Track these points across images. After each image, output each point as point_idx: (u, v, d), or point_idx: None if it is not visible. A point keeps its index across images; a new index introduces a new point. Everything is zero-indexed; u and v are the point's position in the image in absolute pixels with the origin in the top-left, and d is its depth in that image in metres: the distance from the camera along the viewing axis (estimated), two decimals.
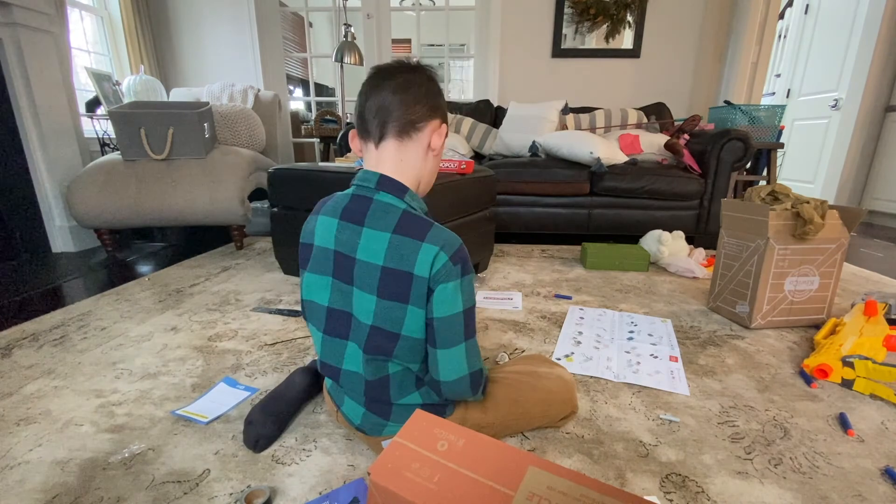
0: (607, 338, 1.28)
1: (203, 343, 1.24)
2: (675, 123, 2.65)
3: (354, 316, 0.69)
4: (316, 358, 1.02)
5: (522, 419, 0.81)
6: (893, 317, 1.34)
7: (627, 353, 1.20)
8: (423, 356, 0.71)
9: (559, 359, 1.16)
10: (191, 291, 1.65)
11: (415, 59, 0.73)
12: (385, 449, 0.44)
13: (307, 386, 0.92)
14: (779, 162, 2.80)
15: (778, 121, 2.68)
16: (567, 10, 3.08)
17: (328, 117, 3.25)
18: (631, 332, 1.33)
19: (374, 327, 0.67)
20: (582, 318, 1.43)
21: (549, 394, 0.82)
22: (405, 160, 0.70)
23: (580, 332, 1.32)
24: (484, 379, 0.74)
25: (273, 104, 2.88)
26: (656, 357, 1.17)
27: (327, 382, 0.84)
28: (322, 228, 0.71)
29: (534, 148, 2.49)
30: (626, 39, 3.12)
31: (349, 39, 2.66)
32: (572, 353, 1.20)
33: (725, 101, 2.91)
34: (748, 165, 2.45)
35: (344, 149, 2.45)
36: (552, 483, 0.39)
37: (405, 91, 0.68)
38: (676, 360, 1.15)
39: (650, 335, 1.30)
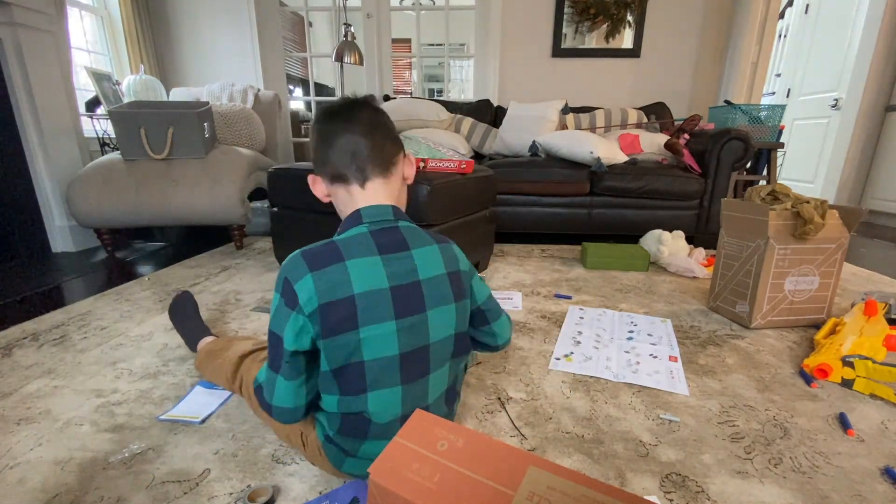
0: (607, 337, 1.29)
1: None
2: (675, 123, 2.65)
3: (431, 343, 0.67)
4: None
5: None
6: (893, 316, 1.34)
7: (627, 352, 1.20)
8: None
9: (559, 358, 1.16)
10: (191, 291, 1.65)
11: (354, 94, 0.73)
12: (385, 448, 0.44)
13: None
14: (779, 162, 2.80)
15: (778, 120, 2.68)
16: (567, 10, 3.08)
17: None
18: (631, 331, 1.33)
19: (457, 334, 0.71)
20: (582, 317, 1.43)
21: None
22: (391, 192, 0.72)
23: (580, 332, 1.32)
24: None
25: (273, 104, 2.88)
26: (656, 357, 1.17)
27: (368, 449, 0.68)
28: (361, 272, 0.62)
29: (534, 148, 2.49)
30: (626, 39, 3.12)
31: (349, 39, 2.66)
32: (572, 352, 1.20)
33: (725, 101, 2.91)
34: (748, 165, 2.45)
35: None
36: (552, 483, 0.39)
37: (374, 132, 0.69)
38: (676, 360, 1.16)
39: (650, 335, 1.30)
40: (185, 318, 1.19)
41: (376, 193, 0.69)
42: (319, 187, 0.73)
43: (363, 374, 0.63)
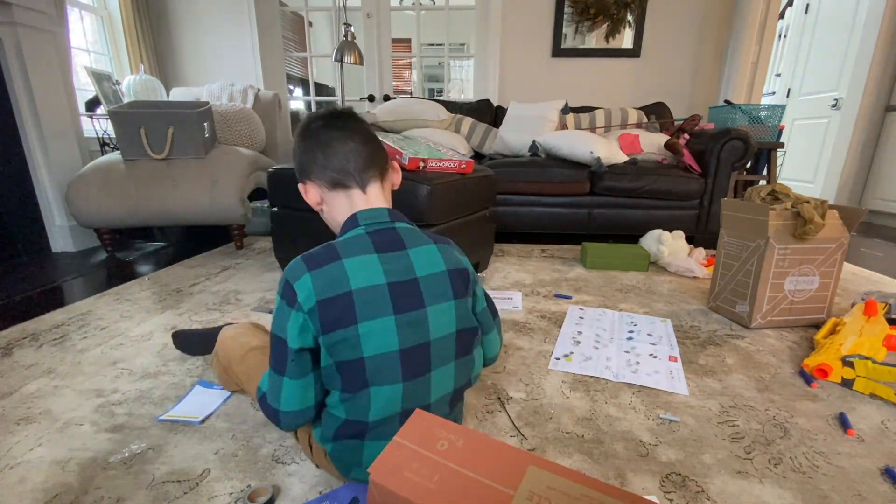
0: (607, 337, 1.29)
1: None
2: (676, 123, 2.65)
3: (432, 340, 0.67)
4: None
5: None
6: (893, 316, 1.34)
7: (627, 352, 1.20)
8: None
9: (558, 358, 1.16)
10: (191, 291, 1.65)
11: (335, 108, 0.76)
12: (385, 448, 0.44)
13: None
14: (779, 162, 2.80)
15: (778, 120, 2.68)
16: (567, 10, 3.08)
17: None
18: (630, 331, 1.33)
19: (459, 331, 0.70)
20: (582, 317, 1.43)
21: None
22: (387, 197, 0.75)
23: (580, 332, 1.32)
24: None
25: (273, 104, 2.88)
26: (655, 357, 1.17)
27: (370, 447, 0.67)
28: (359, 268, 0.64)
29: (534, 148, 2.49)
30: (626, 39, 3.12)
31: (349, 39, 2.66)
32: (571, 352, 1.20)
33: (725, 101, 2.91)
34: (748, 165, 2.45)
35: None
36: (552, 483, 0.39)
37: (370, 139, 0.73)
38: (676, 360, 1.16)
39: (650, 335, 1.30)
40: (195, 337, 1.17)
41: (377, 198, 0.72)
42: (313, 195, 0.74)
43: (363, 370, 0.63)
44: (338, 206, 0.72)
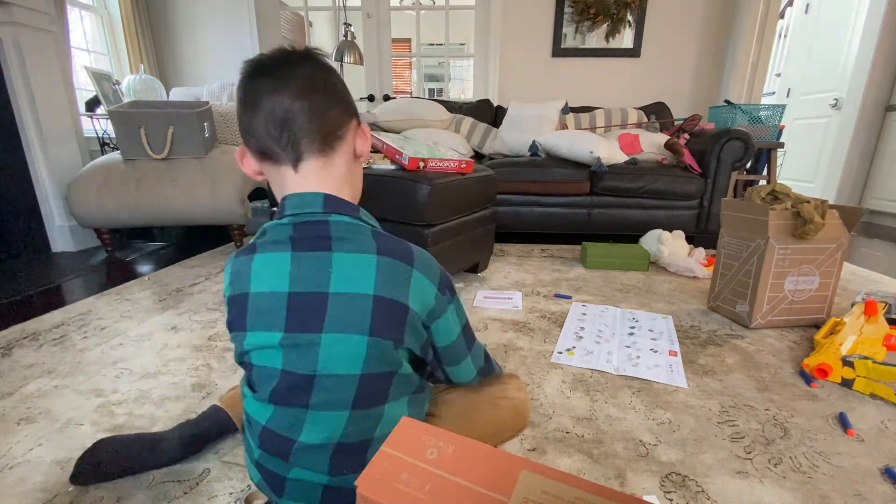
0: (608, 333, 1.29)
1: (203, 342, 1.24)
2: (676, 123, 2.65)
3: (320, 376, 0.52)
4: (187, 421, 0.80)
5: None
6: (893, 316, 1.34)
7: (628, 347, 1.21)
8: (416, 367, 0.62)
9: (561, 352, 1.17)
10: (191, 291, 1.65)
11: (295, 45, 0.55)
12: (372, 460, 0.43)
13: (174, 459, 0.76)
14: (779, 161, 2.80)
15: (778, 120, 2.68)
16: (567, 10, 3.08)
17: None
18: (632, 327, 1.34)
19: (364, 376, 0.53)
20: (584, 314, 1.43)
21: (499, 419, 0.71)
22: (335, 176, 0.56)
23: (582, 328, 1.33)
24: (487, 362, 0.70)
25: None
26: (656, 352, 1.18)
27: (254, 478, 0.59)
28: (264, 268, 0.52)
29: (534, 147, 2.49)
30: (626, 39, 3.12)
31: (349, 39, 2.66)
32: (574, 346, 1.21)
33: (725, 101, 2.90)
34: (748, 165, 2.45)
35: None
36: (546, 487, 0.39)
37: (311, 92, 0.52)
38: (676, 355, 1.16)
39: (651, 330, 1.31)
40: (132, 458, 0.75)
41: (305, 181, 0.54)
42: (248, 163, 0.57)
43: (250, 375, 0.57)
44: (272, 179, 0.57)
